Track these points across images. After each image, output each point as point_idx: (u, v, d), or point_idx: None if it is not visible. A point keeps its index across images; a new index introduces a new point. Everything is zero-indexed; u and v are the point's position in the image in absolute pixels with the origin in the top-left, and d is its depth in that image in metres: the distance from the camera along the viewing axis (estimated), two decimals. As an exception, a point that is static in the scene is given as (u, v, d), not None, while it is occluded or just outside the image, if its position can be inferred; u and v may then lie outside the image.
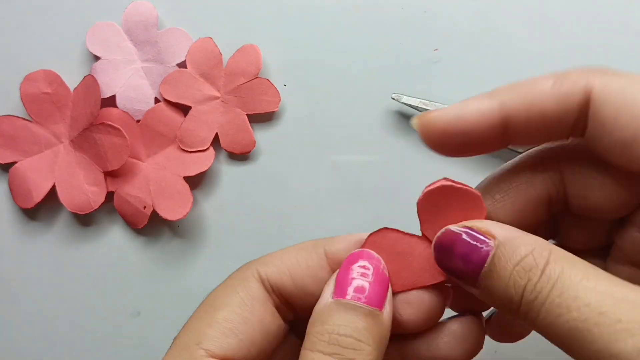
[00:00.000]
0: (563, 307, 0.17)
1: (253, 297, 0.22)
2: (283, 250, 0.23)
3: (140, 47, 0.35)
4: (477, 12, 0.34)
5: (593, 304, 0.17)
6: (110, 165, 0.34)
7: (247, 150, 0.35)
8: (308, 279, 0.22)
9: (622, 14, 0.34)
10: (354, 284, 0.20)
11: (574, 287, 0.17)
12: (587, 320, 0.17)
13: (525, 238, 0.19)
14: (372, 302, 0.20)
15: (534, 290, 0.18)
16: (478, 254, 0.19)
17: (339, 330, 0.19)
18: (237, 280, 0.22)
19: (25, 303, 0.36)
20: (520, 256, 0.19)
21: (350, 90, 0.35)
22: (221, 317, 0.21)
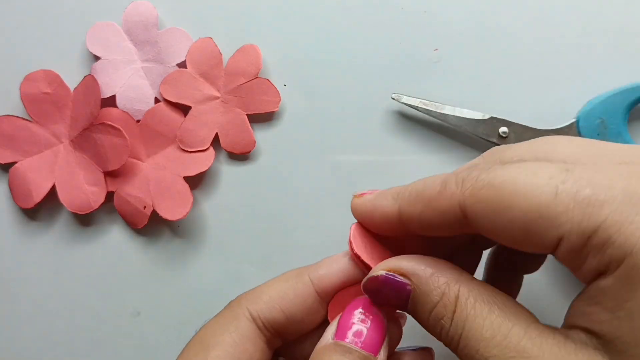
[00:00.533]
0: (470, 357, 0.20)
1: (244, 336, 0.23)
2: (269, 283, 0.25)
3: (140, 47, 0.35)
4: (477, 12, 0.34)
5: (490, 347, 0.19)
6: (110, 165, 0.34)
7: (247, 150, 0.35)
8: (297, 309, 0.24)
9: (622, 14, 0.34)
10: (354, 329, 0.22)
11: (474, 340, 0.20)
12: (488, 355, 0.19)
13: (435, 280, 0.21)
14: (368, 347, 0.22)
15: (447, 336, 0.21)
16: (401, 295, 0.22)
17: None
18: (228, 320, 0.24)
19: (25, 303, 0.36)
20: (433, 304, 0.21)
21: (350, 90, 0.35)
22: (214, 356, 0.23)
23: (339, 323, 0.22)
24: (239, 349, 0.23)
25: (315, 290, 0.24)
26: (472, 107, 0.34)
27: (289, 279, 0.24)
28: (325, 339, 0.22)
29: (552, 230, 0.19)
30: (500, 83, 0.34)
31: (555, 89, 0.34)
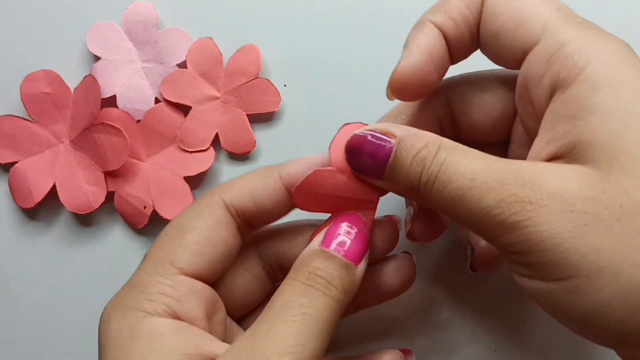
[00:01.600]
0: (446, 181, 0.21)
1: (218, 221, 0.25)
2: (240, 177, 0.27)
3: (140, 47, 0.35)
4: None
5: (467, 173, 0.21)
6: (110, 165, 0.34)
7: (247, 150, 0.35)
8: (267, 200, 0.26)
9: (622, 14, 0.34)
10: (339, 239, 0.24)
11: (453, 164, 0.21)
12: (463, 187, 0.21)
13: (420, 134, 0.23)
14: (349, 257, 0.24)
15: (427, 172, 0.22)
16: (382, 151, 0.23)
17: (317, 272, 0.23)
18: (203, 207, 0.25)
19: (25, 303, 0.36)
20: (417, 149, 0.22)
21: (351, 90, 0.35)
22: (190, 239, 0.24)
23: (326, 233, 0.24)
24: (214, 233, 0.25)
25: (283, 185, 0.26)
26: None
27: (260, 174, 0.26)
28: (312, 245, 0.24)
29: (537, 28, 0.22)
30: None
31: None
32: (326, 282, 0.23)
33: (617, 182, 0.19)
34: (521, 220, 0.20)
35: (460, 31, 0.25)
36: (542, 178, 0.20)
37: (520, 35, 0.23)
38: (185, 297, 0.24)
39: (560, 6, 0.23)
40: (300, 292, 0.22)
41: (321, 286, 0.23)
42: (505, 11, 0.23)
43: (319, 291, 0.23)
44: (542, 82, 0.22)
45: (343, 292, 0.23)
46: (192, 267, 0.24)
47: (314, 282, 0.23)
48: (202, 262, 0.24)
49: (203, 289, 0.25)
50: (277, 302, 0.22)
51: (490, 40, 0.24)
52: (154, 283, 0.24)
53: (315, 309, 0.22)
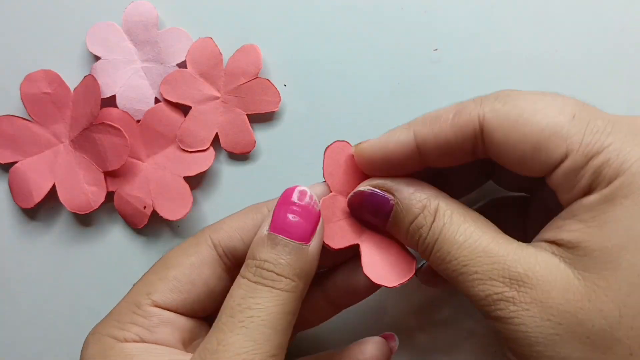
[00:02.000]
0: (440, 260, 0.23)
1: (203, 260, 0.26)
2: (230, 216, 0.27)
3: (140, 47, 0.35)
4: (477, 12, 0.34)
5: (460, 259, 0.22)
6: (110, 165, 0.34)
7: (247, 150, 0.35)
8: None
9: (622, 14, 0.34)
10: (286, 219, 0.24)
11: (447, 243, 0.23)
12: (455, 271, 0.22)
13: (418, 195, 0.24)
14: (298, 237, 0.24)
15: (424, 243, 0.23)
16: (383, 210, 0.24)
17: (263, 265, 0.23)
18: (191, 246, 0.26)
19: (25, 303, 0.36)
20: (414, 215, 0.24)
21: (350, 90, 0.35)
22: (171, 275, 0.25)
23: (272, 215, 0.24)
24: (195, 272, 0.25)
25: None
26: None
27: (248, 212, 0.27)
28: (260, 231, 0.24)
29: (561, 147, 0.22)
30: (501, 83, 0.34)
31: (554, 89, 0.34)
32: (274, 274, 0.23)
33: (597, 300, 0.20)
34: (504, 317, 0.21)
35: (440, 152, 0.24)
36: (530, 279, 0.21)
37: (543, 157, 0.22)
38: (156, 326, 0.24)
39: (574, 112, 0.22)
40: (247, 292, 0.23)
41: (269, 281, 0.23)
42: (519, 140, 0.22)
43: (267, 287, 0.23)
44: (572, 192, 0.22)
45: (296, 278, 0.23)
46: (166, 301, 0.25)
47: (261, 277, 0.23)
48: (178, 299, 0.25)
49: (177, 319, 0.25)
50: (226, 309, 0.23)
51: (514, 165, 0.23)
52: (127, 313, 0.25)
53: (264, 310, 0.22)
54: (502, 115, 0.23)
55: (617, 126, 0.21)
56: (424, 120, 0.25)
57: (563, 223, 0.22)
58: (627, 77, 0.34)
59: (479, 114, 0.23)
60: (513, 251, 0.22)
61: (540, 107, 0.22)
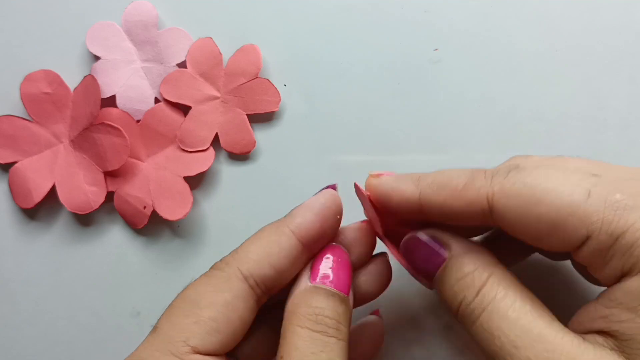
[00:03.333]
0: (488, 334, 0.21)
1: (237, 296, 0.24)
2: (251, 241, 0.25)
3: (140, 47, 0.35)
4: (478, 12, 0.34)
5: (511, 338, 0.20)
6: (110, 165, 0.34)
7: (247, 150, 0.35)
8: (284, 261, 0.25)
9: (622, 13, 0.34)
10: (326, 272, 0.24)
11: (498, 318, 0.21)
12: (504, 350, 0.20)
13: (473, 257, 0.22)
14: (341, 288, 0.24)
15: (468, 308, 0.22)
16: (435, 261, 0.23)
17: (324, 313, 0.22)
18: (221, 280, 0.24)
19: (25, 303, 0.36)
20: (463, 273, 0.22)
21: (350, 90, 0.35)
22: (207, 316, 0.23)
23: (312, 267, 0.24)
24: (231, 309, 0.24)
25: (298, 239, 0.25)
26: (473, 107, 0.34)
27: (270, 234, 0.25)
28: (303, 283, 0.24)
29: (581, 228, 0.20)
30: (501, 83, 0.34)
31: (554, 89, 0.34)
32: (336, 322, 0.22)
33: None
34: None
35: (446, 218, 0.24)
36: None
37: (562, 238, 0.21)
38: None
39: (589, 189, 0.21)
40: (314, 344, 0.22)
41: (333, 330, 0.22)
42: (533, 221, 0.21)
43: (333, 337, 0.22)
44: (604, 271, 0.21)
45: (347, 327, 0.23)
46: (206, 345, 0.23)
47: (325, 326, 0.22)
48: (216, 340, 0.23)
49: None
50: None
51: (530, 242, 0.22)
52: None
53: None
54: (512, 195, 0.21)
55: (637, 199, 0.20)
56: (432, 183, 0.24)
57: (610, 312, 0.21)
58: (627, 77, 0.34)
59: (487, 193, 0.22)
60: (570, 342, 0.20)
61: (552, 185, 0.21)
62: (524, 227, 0.21)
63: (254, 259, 0.24)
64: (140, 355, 0.23)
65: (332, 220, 0.25)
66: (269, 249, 0.25)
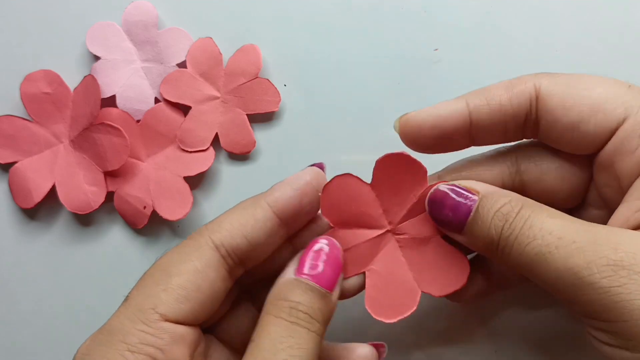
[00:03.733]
0: (530, 237, 0.21)
1: (207, 264, 0.24)
2: (228, 213, 0.25)
3: (140, 47, 0.35)
4: (478, 11, 0.34)
5: (555, 231, 0.21)
6: (110, 165, 0.34)
7: (247, 150, 0.35)
8: (258, 233, 0.25)
9: (622, 13, 0.34)
10: (313, 266, 0.24)
11: (540, 221, 0.22)
12: (550, 244, 0.21)
13: (502, 191, 0.23)
14: (325, 284, 0.24)
15: (510, 227, 0.22)
16: (464, 206, 0.23)
17: (298, 307, 0.23)
18: (192, 249, 0.24)
19: (24, 303, 0.36)
20: (500, 204, 0.23)
21: (350, 90, 0.35)
22: (176, 283, 0.23)
23: (300, 259, 0.24)
24: (201, 277, 0.24)
25: (274, 213, 0.25)
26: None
27: (247, 207, 0.25)
28: (287, 274, 0.24)
29: (619, 108, 0.22)
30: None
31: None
32: (309, 317, 0.23)
33: None
34: (613, 287, 0.19)
35: (492, 120, 0.25)
36: (635, 243, 0.20)
37: (601, 118, 0.23)
38: (168, 345, 0.23)
39: (629, 84, 0.24)
40: (285, 331, 0.22)
41: (305, 322, 0.23)
42: (576, 101, 0.23)
43: (304, 328, 0.23)
44: (633, 156, 0.22)
45: (323, 324, 0.23)
46: (176, 313, 0.23)
47: (297, 318, 0.23)
48: (186, 308, 0.23)
49: (187, 333, 0.23)
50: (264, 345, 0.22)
51: (568, 132, 0.24)
52: (135, 332, 0.22)
53: (304, 350, 0.22)
54: (560, 82, 0.24)
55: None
56: (474, 92, 0.25)
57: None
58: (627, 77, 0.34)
59: (534, 83, 0.24)
60: (608, 227, 0.21)
61: (595, 79, 0.23)
62: (566, 110, 0.23)
63: (226, 229, 0.24)
64: (111, 325, 0.23)
65: (311, 196, 0.26)
66: (243, 220, 0.25)
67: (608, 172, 0.24)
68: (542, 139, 0.25)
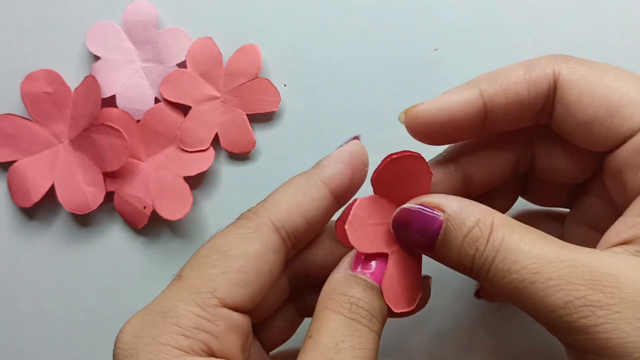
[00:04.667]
0: (505, 271, 0.20)
1: (268, 248, 0.22)
2: (281, 192, 0.24)
3: (140, 47, 0.35)
4: (478, 11, 0.35)
5: (529, 266, 0.20)
6: (109, 166, 0.34)
7: (247, 150, 0.35)
8: (316, 212, 0.24)
9: (622, 13, 0.34)
10: (368, 263, 0.22)
11: (513, 252, 0.20)
12: (525, 280, 0.20)
13: (471, 209, 0.21)
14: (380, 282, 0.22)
15: (482, 257, 0.21)
16: (431, 228, 0.22)
17: (359, 304, 0.21)
18: (251, 230, 0.23)
19: (23, 302, 0.36)
20: (468, 228, 0.21)
21: (350, 90, 0.35)
22: (236, 267, 0.22)
23: (356, 255, 0.23)
24: (261, 260, 0.22)
25: (330, 191, 0.24)
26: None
27: (301, 185, 0.24)
28: (343, 268, 0.23)
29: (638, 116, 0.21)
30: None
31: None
32: (370, 315, 0.21)
33: None
34: (591, 326, 0.19)
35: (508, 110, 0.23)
36: (615, 278, 0.19)
37: (616, 123, 0.22)
38: (224, 333, 0.21)
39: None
40: (346, 328, 0.21)
41: (366, 321, 0.21)
42: (595, 100, 0.22)
43: (365, 327, 0.21)
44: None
45: (382, 324, 0.22)
46: (234, 298, 0.21)
47: (359, 315, 0.21)
48: (245, 294, 0.22)
49: (241, 321, 0.22)
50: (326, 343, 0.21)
51: (580, 130, 0.23)
52: (190, 316, 0.21)
53: (367, 351, 0.21)
54: (579, 74, 0.22)
55: None
56: (487, 78, 0.23)
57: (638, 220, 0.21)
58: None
59: (554, 69, 0.22)
60: (589, 254, 0.20)
61: (619, 75, 0.22)
62: (582, 107, 0.22)
63: (285, 209, 0.23)
64: (163, 304, 0.21)
65: (361, 171, 0.25)
66: (300, 200, 0.23)
67: (616, 177, 0.23)
68: (554, 127, 0.24)
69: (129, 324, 0.21)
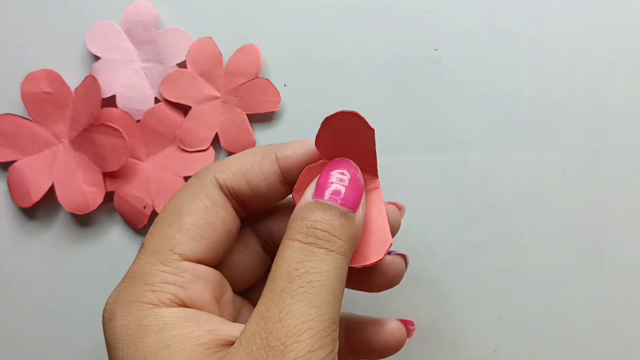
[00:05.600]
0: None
1: (215, 202, 0.24)
2: (236, 155, 0.25)
3: (140, 47, 0.35)
4: (478, 11, 0.35)
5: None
6: (109, 166, 0.34)
7: (247, 150, 0.35)
8: (262, 183, 0.25)
9: (622, 13, 0.34)
10: (332, 188, 0.23)
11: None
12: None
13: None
14: (347, 204, 0.22)
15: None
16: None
17: (316, 225, 0.21)
18: (198, 188, 0.24)
19: (23, 302, 0.36)
20: None
21: (350, 90, 0.35)
22: (189, 223, 0.23)
23: (317, 183, 0.23)
24: (212, 214, 0.24)
25: (280, 169, 0.25)
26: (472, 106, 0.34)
27: (257, 153, 0.25)
28: (305, 198, 0.23)
29: None
30: (500, 83, 0.34)
31: (555, 88, 0.34)
32: (328, 234, 0.21)
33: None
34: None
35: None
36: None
37: None
38: (190, 283, 0.22)
39: None
40: (301, 255, 0.21)
41: (324, 241, 0.21)
42: None
43: (322, 248, 0.21)
44: None
45: (347, 242, 0.22)
46: (194, 251, 0.23)
47: (315, 237, 0.21)
48: (203, 246, 0.23)
49: (207, 272, 0.23)
50: (280, 274, 0.21)
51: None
52: (155, 272, 0.22)
53: (323, 274, 0.21)
54: None
55: None
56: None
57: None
58: (627, 77, 0.34)
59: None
60: None
61: None
62: None
63: (232, 171, 0.24)
64: (132, 271, 0.23)
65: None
66: (249, 166, 0.25)
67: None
68: None
69: (111, 295, 0.23)
